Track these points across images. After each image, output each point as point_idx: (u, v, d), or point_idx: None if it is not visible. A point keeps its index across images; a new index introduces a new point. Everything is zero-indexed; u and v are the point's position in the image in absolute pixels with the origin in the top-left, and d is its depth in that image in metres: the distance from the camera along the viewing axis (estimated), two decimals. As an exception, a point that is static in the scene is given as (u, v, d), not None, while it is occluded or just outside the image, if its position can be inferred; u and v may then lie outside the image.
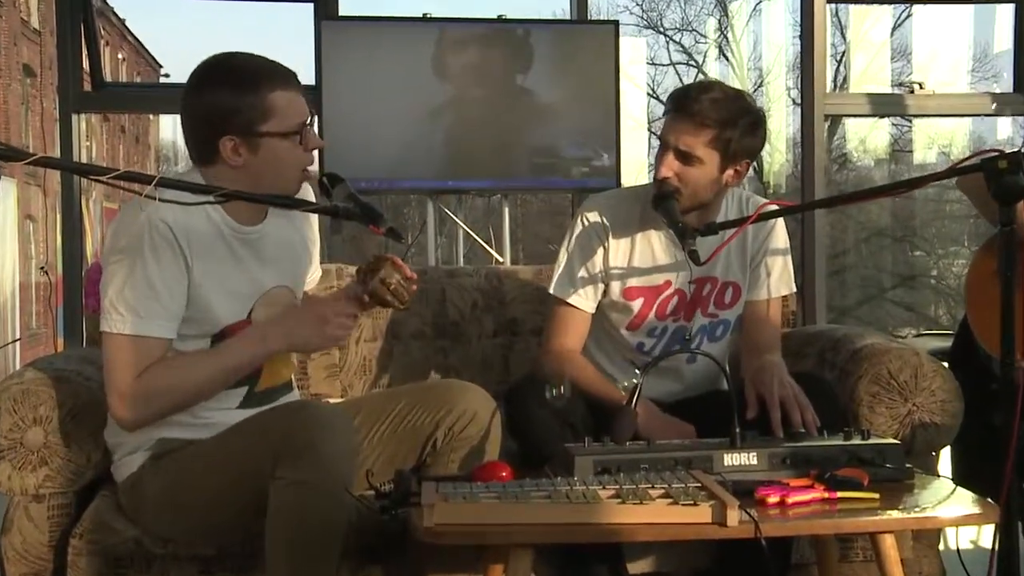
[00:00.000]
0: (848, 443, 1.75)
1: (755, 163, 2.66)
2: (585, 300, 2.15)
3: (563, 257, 2.17)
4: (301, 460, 1.56)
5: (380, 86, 3.25)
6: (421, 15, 3.39)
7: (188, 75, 1.74)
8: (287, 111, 1.71)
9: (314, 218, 1.96)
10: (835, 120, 9.23)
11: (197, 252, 1.71)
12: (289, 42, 3.49)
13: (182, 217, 1.68)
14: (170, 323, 1.69)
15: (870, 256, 11.18)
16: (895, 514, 1.61)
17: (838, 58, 10.15)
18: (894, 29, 8.81)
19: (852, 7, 8.82)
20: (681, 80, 12.60)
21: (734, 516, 1.48)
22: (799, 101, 3.76)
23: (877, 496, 1.62)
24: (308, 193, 1.86)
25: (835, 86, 9.10)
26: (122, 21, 18.93)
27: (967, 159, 1.68)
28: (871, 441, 1.76)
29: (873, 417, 2.09)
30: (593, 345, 2.23)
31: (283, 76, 1.72)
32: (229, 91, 1.68)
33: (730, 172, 2.02)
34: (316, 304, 1.83)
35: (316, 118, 1.79)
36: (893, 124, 10.35)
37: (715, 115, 1.96)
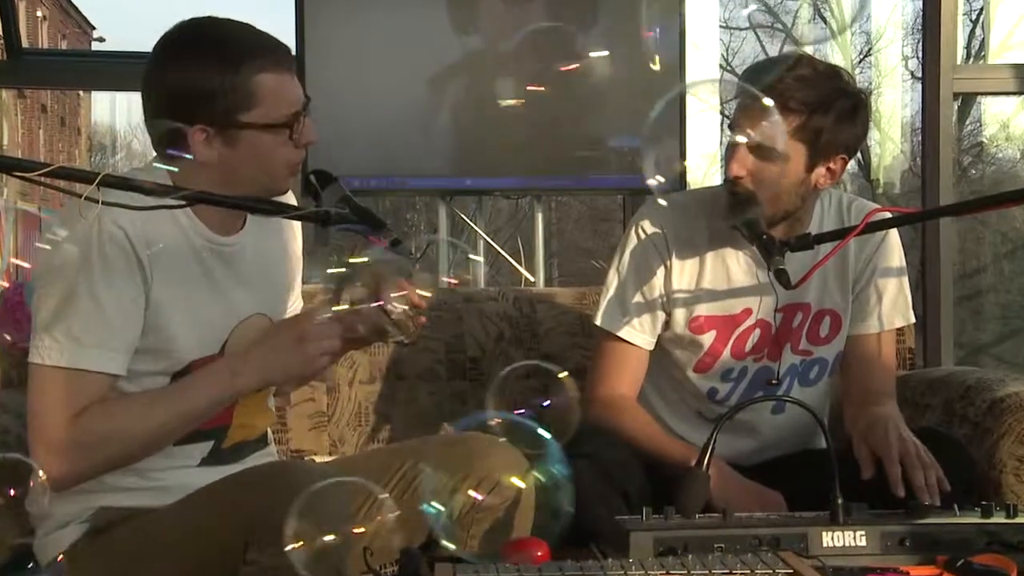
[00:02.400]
0: (987, 521, 1.76)
1: (858, 156, 2.68)
2: (641, 334, 2.18)
3: (613, 279, 2.21)
4: (280, 539, 1.59)
5: (379, 57, 3.30)
6: (431, -34, 3.43)
7: (143, 44, 1.80)
8: (276, 98, 1.75)
9: (298, 228, 2.01)
10: (968, 99, 9.21)
11: (160, 267, 1.74)
12: (264, 0, 3.56)
13: (141, 223, 1.71)
14: (119, 355, 1.72)
15: (1014, 277, 11.09)
16: (1051, 615, 1.62)
17: (973, 18, 10.15)
18: (1051, -22, 8.76)
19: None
20: (764, 48, 12.62)
21: (836, 612, 1.49)
22: (920, 75, 3.77)
23: (1028, 591, 1.63)
24: (288, 196, 1.91)
25: (968, 55, 9.09)
26: (43, -31, 19.23)
27: None
28: (1019, 519, 1.77)
29: (1021, 488, 2.10)
30: (652, 391, 2.26)
31: (274, 53, 1.76)
32: (204, 68, 1.72)
33: (821, 171, 2.06)
34: (290, 320, 1.87)
35: (309, 105, 1.81)
36: (1047, 103, 10.29)
37: (802, 96, 1.99)
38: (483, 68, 3.38)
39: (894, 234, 2.22)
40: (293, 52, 3.16)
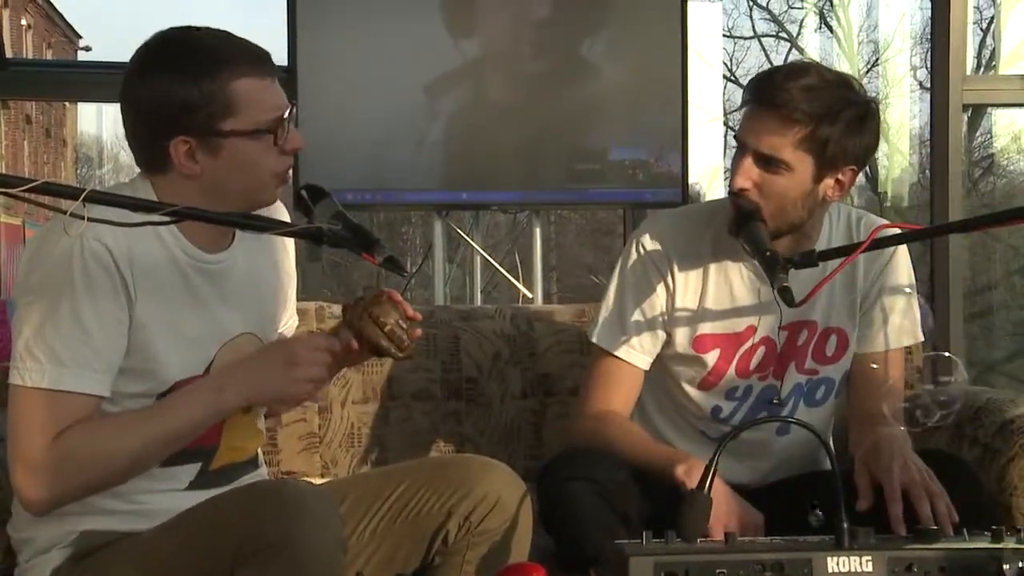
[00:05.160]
0: (997, 546, 1.75)
1: (866, 169, 2.69)
2: (639, 353, 2.19)
3: (612, 295, 2.21)
4: (271, 560, 1.59)
5: (372, 69, 3.32)
6: (427, -24, 3.45)
7: (129, 55, 1.80)
8: (257, 104, 1.76)
9: (290, 244, 2.01)
10: (978, 110, 9.23)
11: (144, 285, 1.75)
12: (254, 9, 3.57)
13: (125, 240, 1.72)
14: (103, 375, 1.73)
15: (1027, 293, 11.09)
16: (1063, 644, 1.62)
17: (983, 27, 10.19)
18: (1065, -14, 8.79)
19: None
20: (768, 58, 12.67)
21: (841, 640, 1.49)
22: (928, 85, 3.79)
23: (1038, 619, 1.63)
24: (281, 212, 1.91)
25: (978, 65, 9.13)
26: (28, -24, 19.32)
27: None
28: (1030, 544, 1.77)
29: (1031, 511, 2.11)
30: (654, 411, 2.27)
31: (252, 58, 1.77)
32: (180, 78, 1.73)
33: (829, 182, 2.06)
34: (281, 342, 1.88)
35: (295, 110, 1.82)
36: (1061, 115, 10.31)
37: (807, 107, 1.99)
38: (480, 80, 3.40)
39: (903, 251, 2.22)
40: (285, 64, 3.20)
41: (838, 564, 1.71)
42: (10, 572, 1.87)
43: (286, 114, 1.79)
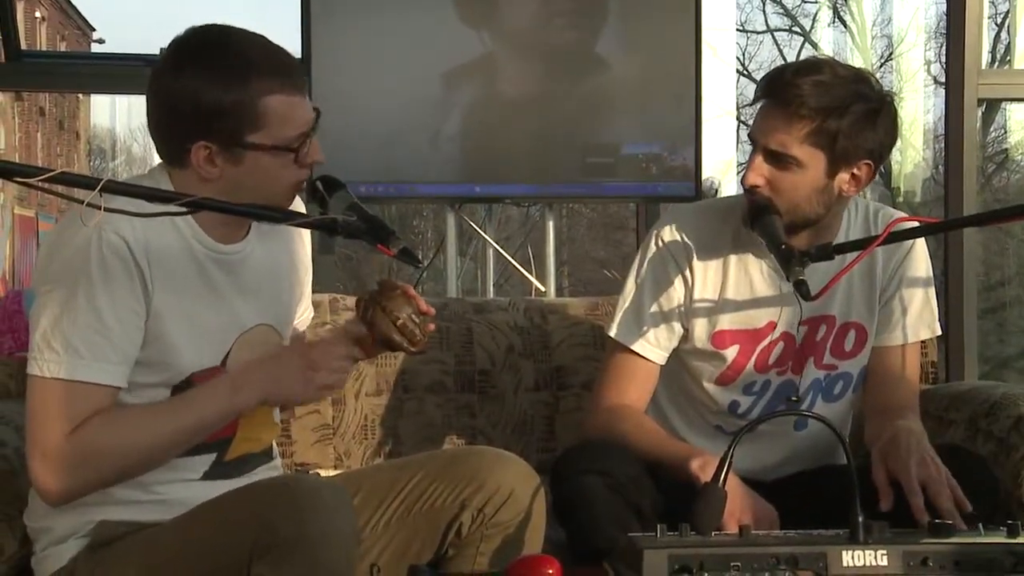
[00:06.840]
0: (1014, 541, 1.75)
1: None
2: (655, 348, 2.18)
3: (630, 289, 2.21)
4: (286, 554, 1.60)
5: (386, 62, 3.32)
6: (439, -33, 3.45)
7: (143, 47, 1.81)
8: (284, 120, 1.76)
9: (306, 235, 2.02)
10: (992, 105, 9.21)
11: (160, 276, 1.76)
12: (268, 1, 3.57)
13: (142, 230, 1.73)
14: (120, 367, 1.74)
15: (1040, 288, 11.07)
16: (1079, 639, 1.62)
17: (998, 21, 10.17)
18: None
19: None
20: (781, 52, 12.67)
21: (856, 634, 1.49)
22: (942, 80, 3.77)
23: (1055, 615, 1.63)
24: (296, 203, 1.91)
25: (993, 59, 9.10)
26: (42, -31, 19.38)
27: None
28: (1046, 540, 1.77)
29: (1048, 507, 2.10)
30: (670, 406, 2.27)
31: (285, 72, 1.77)
32: (212, 84, 1.73)
33: (844, 177, 2.05)
34: (302, 345, 1.88)
35: (317, 123, 1.82)
36: (1073, 110, 10.27)
37: (815, 102, 1.97)
38: (493, 73, 3.40)
39: (921, 244, 2.21)
40: (299, 57, 3.20)
41: (853, 558, 1.71)
42: (26, 561, 1.88)
43: (310, 129, 1.79)
